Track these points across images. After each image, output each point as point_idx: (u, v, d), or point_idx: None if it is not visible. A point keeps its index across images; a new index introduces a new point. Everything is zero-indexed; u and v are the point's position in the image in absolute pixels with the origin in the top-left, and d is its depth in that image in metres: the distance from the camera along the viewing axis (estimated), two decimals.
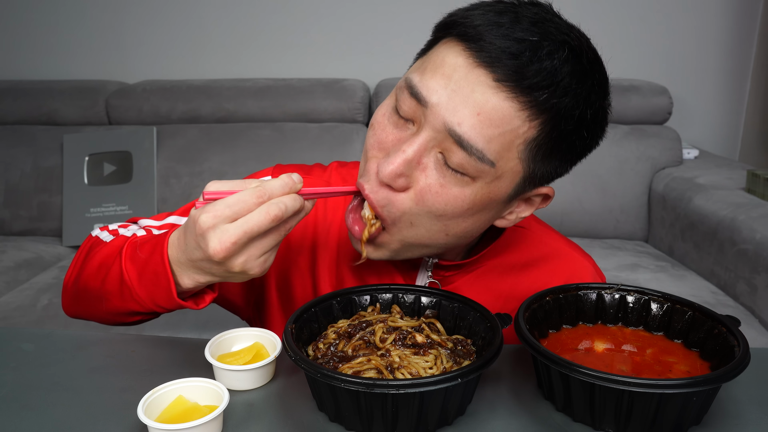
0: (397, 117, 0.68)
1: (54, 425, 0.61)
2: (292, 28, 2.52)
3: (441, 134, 0.63)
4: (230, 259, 0.61)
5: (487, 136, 0.62)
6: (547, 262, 0.84)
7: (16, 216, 2.28)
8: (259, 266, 0.63)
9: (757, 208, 1.71)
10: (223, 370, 0.65)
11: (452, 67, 0.63)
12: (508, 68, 0.60)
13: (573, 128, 0.64)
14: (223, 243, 0.59)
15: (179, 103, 2.33)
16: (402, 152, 0.65)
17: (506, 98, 0.61)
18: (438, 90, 0.63)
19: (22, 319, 1.64)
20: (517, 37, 0.61)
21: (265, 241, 0.62)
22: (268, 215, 0.59)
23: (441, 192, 0.65)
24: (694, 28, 2.44)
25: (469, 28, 0.63)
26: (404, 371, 0.61)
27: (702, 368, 0.64)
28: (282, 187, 0.61)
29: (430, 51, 0.68)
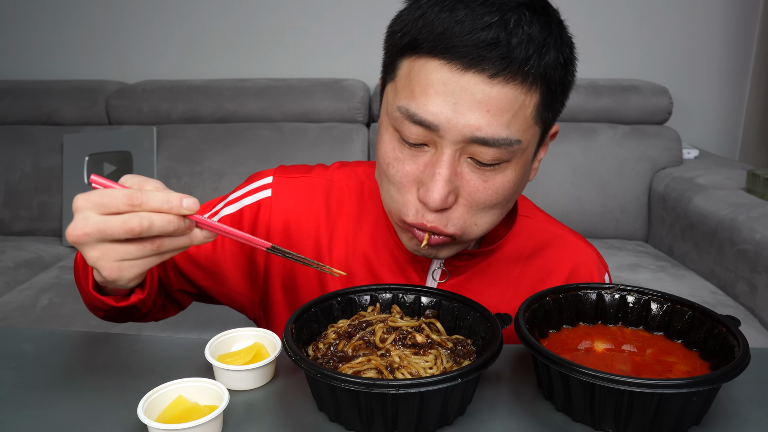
0: (408, 147, 0.68)
1: (54, 425, 0.61)
2: (292, 28, 2.52)
3: (463, 143, 0.64)
4: (82, 247, 0.60)
5: (505, 123, 0.63)
6: (553, 248, 0.85)
7: (16, 216, 2.28)
8: (113, 270, 0.61)
9: (757, 208, 1.71)
10: (223, 370, 0.65)
11: (442, 83, 0.63)
12: (494, 60, 0.61)
13: (562, 73, 0.67)
14: (77, 229, 0.58)
15: (179, 103, 2.33)
16: (438, 176, 0.65)
17: (505, 84, 0.62)
18: (441, 109, 0.63)
19: (22, 319, 1.64)
20: (482, 24, 0.61)
21: (125, 249, 0.60)
22: (124, 225, 0.57)
23: (488, 187, 0.67)
24: (694, 28, 2.44)
25: (433, 41, 0.62)
26: (404, 371, 0.61)
27: (702, 368, 0.64)
28: (160, 203, 0.58)
29: (402, 73, 0.67)
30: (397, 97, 0.67)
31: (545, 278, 0.84)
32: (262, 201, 0.86)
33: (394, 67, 0.69)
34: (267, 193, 0.86)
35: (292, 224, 0.85)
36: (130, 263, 0.61)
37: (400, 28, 0.67)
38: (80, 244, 0.60)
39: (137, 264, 0.62)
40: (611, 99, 2.24)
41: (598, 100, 2.24)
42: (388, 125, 0.69)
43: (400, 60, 0.67)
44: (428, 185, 0.66)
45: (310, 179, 0.88)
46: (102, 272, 0.61)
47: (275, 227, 0.85)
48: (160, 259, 0.63)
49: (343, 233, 0.84)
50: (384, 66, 0.72)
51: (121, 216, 0.58)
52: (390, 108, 0.68)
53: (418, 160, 0.67)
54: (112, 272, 0.61)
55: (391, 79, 0.70)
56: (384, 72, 0.72)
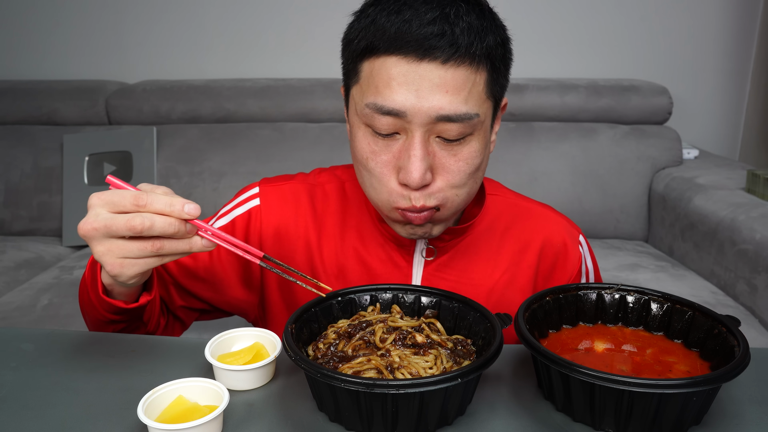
0: (381, 138, 0.74)
1: (54, 425, 0.61)
2: (292, 28, 2.52)
3: (430, 124, 0.72)
4: (90, 241, 0.65)
5: (462, 99, 0.71)
6: (524, 220, 0.91)
7: (16, 216, 2.28)
8: (115, 266, 0.65)
9: (757, 208, 1.71)
10: (223, 370, 0.65)
11: (402, 75, 0.70)
12: (444, 48, 0.69)
13: (502, 52, 0.75)
14: (87, 224, 0.64)
15: (179, 103, 2.33)
16: (413, 156, 0.72)
17: (457, 67, 0.70)
18: (406, 97, 0.70)
19: (22, 319, 1.64)
20: (427, 20, 0.69)
21: (127, 246, 0.64)
22: (128, 222, 0.62)
23: (458, 159, 0.74)
24: (694, 28, 2.44)
25: (388, 40, 0.70)
26: (404, 371, 0.61)
27: (702, 368, 0.64)
28: (163, 206, 0.63)
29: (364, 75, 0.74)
30: (364, 96, 0.74)
31: (522, 250, 0.90)
32: (251, 210, 0.90)
33: (356, 72, 0.76)
34: (255, 202, 0.90)
35: (282, 228, 0.89)
36: (131, 261, 0.66)
37: (355, 36, 0.74)
38: (89, 238, 0.65)
39: (138, 263, 0.66)
40: (611, 99, 2.23)
41: (598, 100, 2.24)
42: (359, 124, 0.76)
43: (360, 64, 0.74)
44: (406, 167, 0.72)
45: (294, 184, 0.92)
46: (105, 267, 0.66)
47: (267, 233, 0.89)
48: (159, 261, 0.67)
49: (331, 231, 0.89)
50: (345, 73, 0.79)
51: (127, 215, 0.63)
52: (359, 107, 0.75)
53: (392, 149, 0.74)
54: (114, 267, 0.65)
55: (354, 82, 0.76)
56: (346, 78, 0.79)
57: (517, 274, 0.89)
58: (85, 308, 0.81)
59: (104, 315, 0.76)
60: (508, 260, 0.89)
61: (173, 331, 0.92)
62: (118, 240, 0.64)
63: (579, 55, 2.49)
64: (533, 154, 2.19)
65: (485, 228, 0.89)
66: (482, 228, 0.89)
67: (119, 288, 0.73)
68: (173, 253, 0.66)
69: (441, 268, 0.87)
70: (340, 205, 0.90)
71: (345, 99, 0.82)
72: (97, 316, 0.78)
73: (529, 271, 0.89)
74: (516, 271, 0.89)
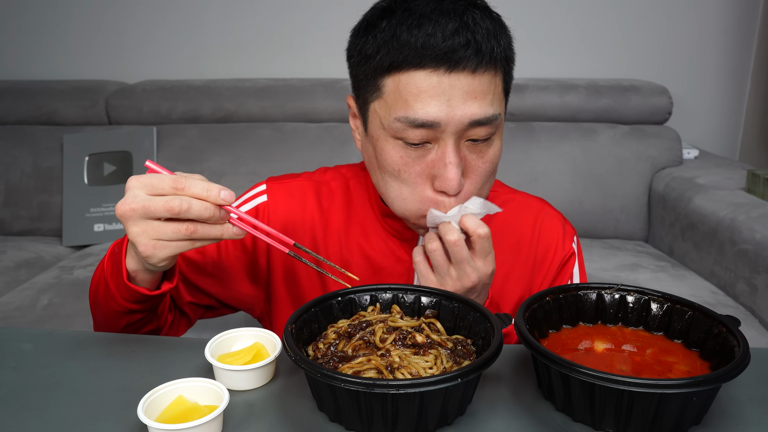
0: (413, 149, 0.75)
1: (54, 425, 0.61)
2: (292, 28, 2.52)
3: (461, 130, 0.74)
4: (126, 222, 0.67)
5: (489, 102, 0.74)
6: (521, 215, 0.95)
7: (16, 216, 2.28)
8: (148, 247, 0.67)
9: (757, 208, 1.71)
10: (223, 370, 0.65)
11: (433, 87, 0.72)
12: (471, 58, 0.71)
13: (511, 52, 0.79)
14: (126, 204, 0.66)
15: (179, 103, 2.33)
16: (450, 164, 0.74)
17: (482, 74, 0.73)
18: (438, 109, 0.72)
19: (22, 319, 1.64)
20: (450, 31, 0.71)
21: (162, 228, 0.66)
22: (166, 204, 0.65)
23: (485, 160, 0.78)
24: (694, 28, 2.44)
25: (415, 56, 0.71)
26: (404, 371, 0.61)
27: (702, 368, 0.64)
28: (200, 190, 0.66)
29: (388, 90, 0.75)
30: (392, 111, 0.75)
31: (520, 242, 0.93)
32: (259, 206, 0.92)
33: (377, 87, 0.76)
34: (263, 199, 0.92)
35: (289, 224, 0.91)
36: (164, 243, 0.67)
37: (374, 51, 0.75)
38: (126, 218, 0.67)
39: (170, 245, 0.68)
40: (611, 99, 2.23)
41: (598, 100, 2.24)
42: (387, 137, 0.76)
43: (382, 79, 0.75)
44: (443, 175, 0.75)
45: (300, 182, 0.94)
46: (139, 247, 0.67)
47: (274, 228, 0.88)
48: (191, 246, 0.68)
49: (335, 227, 0.91)
50: (359, 87, 0.80)
51: (165, 197, 0.65)
52: (386, 122, 0.76)
53: (425, 158, 0.76)
54: (148, 248, 0.67)
55: (376, 97, 0.77)
56: (361, 92, 0.80)
57: (515, 265, 0.92)
58: (98, 300, 0.81)
59: (122, 304, 0.77)
60: (506, 252, 0.92)
61: (178, 329, 0.93)
62: (154, 221, 0.66)
63: (579, 55, 2.49)
64: (533, 154, 2.19)
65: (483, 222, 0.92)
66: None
67: (143, 275, 0.74)
68: (206, 237, 0.68)
69: None
70: (344, 201, 0.92)
71: (360, 109, 0.82)
72: (114, 306, 0.78)
73: (527, 263, 0.92)
74: (514, 263, 0.92)
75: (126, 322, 0.81)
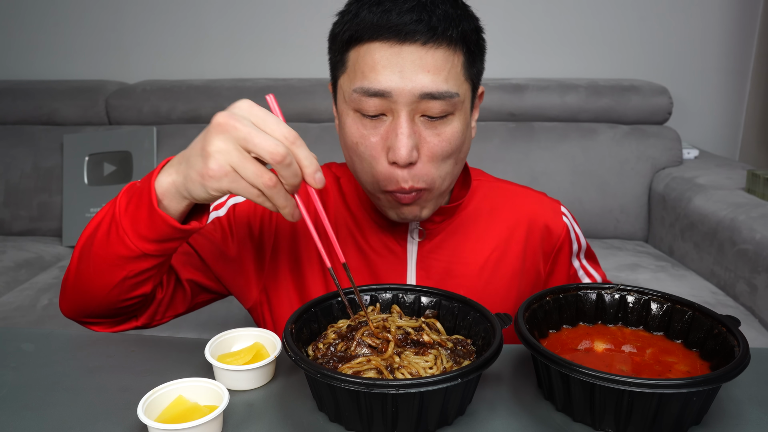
0: (369, 120, 0.79)
1: (54, 425, 0.61)
2: (292, 28, 2.52)
3: (414, 102, 0.76)
4: (218, 130, 0.60)
5: (443, 79, 0.76)
6: (509, 202, 0.97)
7: (16, 216, 2.28)
8: (220, 170, 0.61)
9: (757, 208, 1.71)
10: (223, 370, 0.65)
11: (387, 58, 0.76)
12: (423, 33, 0.75)
13: (476, 38, 0.81)
14: (230, 118, 0.60)
15: (179, 103, 2.33)
16: (401, 134, 0.76)
17: (436, 49, 0.76)
18: (390, 78, 0.75)
19: (22, 319, 1.64)
20: (406, 8, 0.75)
21: (247, 163, 0.60)
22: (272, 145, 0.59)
23: (442, 139, 0.79)
24: (694, 28, 2.44)
25: (371, 29, 0.76)
26: (404, 371, 0.61)
27: (702, 368, 0.64)
28: (303, 157, 0.62)
29: (350, 63, 0.79)
30: (352, 83, 0.78)
31: (510, 228, 0.95)
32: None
33: (343, 62, 0.81)
34: None
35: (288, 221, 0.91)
36: (236, 177, 0.61)
37: (340, 29, 0.80)
38: (221, 129, 0.60)
39: (240, 183, 0.62)
40: (611, 99, 2.24)
41: (598, 100, 2.24)
42: (348, 110, 0.80)
43: (346, 54, 0.80)
44: (394, 145, 0.77)
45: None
46: (210, 163, 0.61)
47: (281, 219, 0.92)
48: (255, 197, 0.62)
49: (332, 222, 0.93)
50: (332, 68, 0.85)
51: (272, 138, 0.60)
52: (347, 94, 0.79)
53: (380, 130, 0.79)
54: (219, 170, 0.61)
55: (342, 72, 0.81)
56: (333, 71, 0.84)
57: (506, 251, 0.93)
58: (94, 248, 0.73)
59: (136, 245, 0.70)
60: (497, 238, 0.94)
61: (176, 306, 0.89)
62: (243, 151, 0.60)
63: (579, 55, 2.49)
64: (533, 154, 2.19)
65: (473, 210, 0.95)
66: (470, 210, 0.94)
67: (173, 202, 0.68)
68: (273, 199, 0.62)
69: (434, 249, 0.91)
70: (338, 197, 0.94)
71: (333, 93, 0.86)
72: (120, 250, 0.71)
73: (518, 247, 0.94)
74: (505, 249, 0.94)
75: (126, 273, 0.73)
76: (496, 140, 2.21)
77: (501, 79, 2.31)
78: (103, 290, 0.76)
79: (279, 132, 0.61)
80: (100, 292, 0.76)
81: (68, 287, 0.81)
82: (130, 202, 0.70)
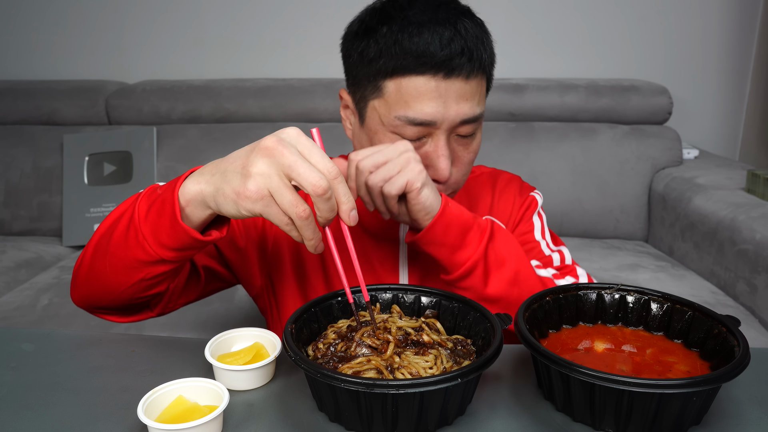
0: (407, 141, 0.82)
1: (54, 425, 0.61)
2: (292, 28, 2.52)
3: (453, 128, 0.84)
4: (261, 155, 0.61)
5: (476, 103, 0.84)
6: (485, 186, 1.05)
7: (16, 216, 2.28)
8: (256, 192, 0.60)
9: (757, 208, 1.71)
10: (223, 370, 0.65)
11: (431, 90, 0.80)
12: (465, 65, 0.80)
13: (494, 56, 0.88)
14: (277, 144, 0.61)
15: (179, 103, 2.32)
16: (442, 156, 0.83)
17: (473, 79, 0.82)
18: (435, 109, 0.81)
19: (22, 319, 1.64)
20: (446, 39, 0.79)
21: (285, 191, 0.60)
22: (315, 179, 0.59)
23: (469, 151, 0.88)
24: (694, 28, 2.44)
25: (416, 63, 0.79)
26: (404, 371, 0.61)
27: (702, 368, 0.64)
28: (342, 194, 0.62)
29: (389, 91, 0.82)
30: (392, 110, 0.82)
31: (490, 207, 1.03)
32: None
33: (377, 87, 0.83)
34: None
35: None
36: (270, 202, 0.61)
37: (376, 55, 0.82)
38: (265, 154, 0.61)
39: (272, 209, 0.61)
40: (611, 99, 2.23)
41: (598, 100, 2.24)
42: (385, 131, 0.84)
43: (383, 81, 0.82)
44: (436, 165, 0.84)
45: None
46: (248, 185, 0.61)
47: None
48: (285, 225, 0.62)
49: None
50: (358, 84, 0.86)
51: (315, 170, 0.60)
52: (386, 119, 0.83)
53: (420, 150, 0.84)
54: (257, 191, 0.61)
55: (376, 96, 0.84)
56: (359, 89, 0.86)
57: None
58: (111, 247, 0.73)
59: (155, 251, 0.70)
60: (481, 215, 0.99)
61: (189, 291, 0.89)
62: (284, 177, 0.60)
63: (579, 55, 2.49)
64: (533, 154, 2.19)
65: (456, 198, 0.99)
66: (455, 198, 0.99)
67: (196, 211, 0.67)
68: (300, 229, 0.62)
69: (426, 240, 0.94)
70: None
71: (356, 104, 0.88)
72: (138, 254, 0.71)
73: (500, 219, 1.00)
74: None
75: (142, 276, 0.73)
76: (496, 140, 2.21)
77: (501, 79, 2.31)
78: (119, 288, 0.76)
79: (323, 165, 0.61)
80: (115, 290, 0.77)
81: (80, 280, 0.81)
82: (151, 208, 0.69)
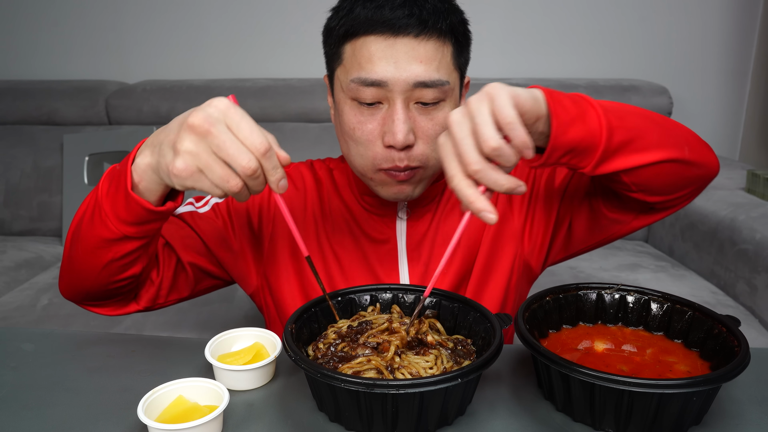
0: (366, 108, 0.84)
1: (54, 425, 0.61)
2: (292, 28, 2.52)
3: (409, 90, 0.82)
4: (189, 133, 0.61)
5: (435, 68, 0.82)
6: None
7: (16, 216, 2.28)
8: (187, 169, 0.61)
9: (757, 208, 1.71)
10: (223, 370, 0.66)
11: (382, 50, 0.81)
12: (414, 26, 0.81)
13: (463, 29, 0.88)
14: (205, 121, 0.60)
15: (179, 103, 2.32)
16: (397, 120, 0.82)
17: (427, 41, 0.82)
18: (387, 68, 0.81)
19: (22, 319, 1.64)
20: (398, 3, 0.81)
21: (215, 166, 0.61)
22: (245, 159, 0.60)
23: (435, 123, 0.85)
24: (694, 28, 2.44)
25: (366, 24, 0.81)
26: (404, 371, 0.61)
27: (702, 368, 0.64)
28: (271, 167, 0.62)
29: (346, 56, 0.84)
30: (349, 73, 0.84)
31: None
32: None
33: (339, 55, 0.86)
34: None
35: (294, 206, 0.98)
36: (203, 177, 0.62)
37: (336, 24, 0.85)
38: (192, 131, 0.61)
39: (205, 183, 0.62)
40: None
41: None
42: (345, 99, 0.86)
43: (341, 47, 0.85)
44: (391, 130, 0.82)
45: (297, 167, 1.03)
46: (177, 163, 0.61)
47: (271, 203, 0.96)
48: (215, 196, 0.64)
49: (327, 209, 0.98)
50: (328, 60, 0.90)
51: (244, 147, 0.60)
52: (344, 84, 0.85)
53: (377, 117, 0.84)
54: (186, 170, 0.61)
55: (338, 65, 0.87)
56: (329, 63, 0.90)
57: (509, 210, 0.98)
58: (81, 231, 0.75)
59: (117, 227, 0.71)
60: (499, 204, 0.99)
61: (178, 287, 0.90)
62: (212, 154, 0.61)
63: (579, 55, 2.49)
64: None
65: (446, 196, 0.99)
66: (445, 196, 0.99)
67: (150, 184, 0.68)
68: (235, 198, 0.64)
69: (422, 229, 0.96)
70: (330, 188, 1.00)
71: (330, 85, 0.92)
72: (103, 233, 0.72)
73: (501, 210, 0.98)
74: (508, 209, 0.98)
75: (111, 256, 0.74)
76: None
77: (501, 79, 2.31)
78: (93, 272, 0.77)
79: (251, 141, 0.60)
80: (90, 274, 0.77)
81: (63, 269, 0.82)
82: (111, 185, 0.71)
